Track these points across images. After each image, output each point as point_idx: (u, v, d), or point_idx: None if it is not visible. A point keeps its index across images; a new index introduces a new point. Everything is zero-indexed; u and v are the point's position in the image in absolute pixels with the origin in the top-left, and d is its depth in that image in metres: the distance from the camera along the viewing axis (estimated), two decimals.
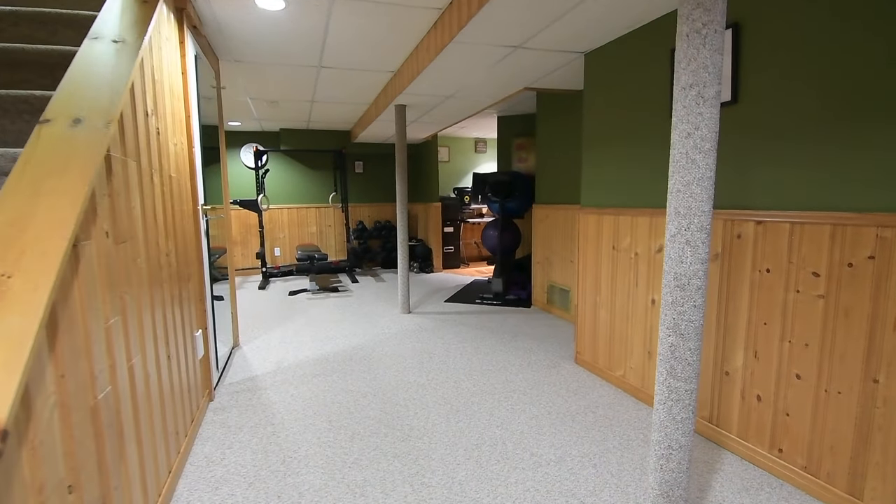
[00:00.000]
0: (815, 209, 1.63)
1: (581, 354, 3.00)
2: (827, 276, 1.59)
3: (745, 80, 1.85)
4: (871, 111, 1.45)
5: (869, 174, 1.48)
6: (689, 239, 1.11)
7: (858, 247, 1.50)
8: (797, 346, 1.70)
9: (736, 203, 1.92)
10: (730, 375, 1.97)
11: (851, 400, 1.54)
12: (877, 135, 1.44)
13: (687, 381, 1.16)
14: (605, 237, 2.72)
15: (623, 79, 2.54)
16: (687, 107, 1.09)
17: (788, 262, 1.71)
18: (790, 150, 1.70)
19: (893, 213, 1.40)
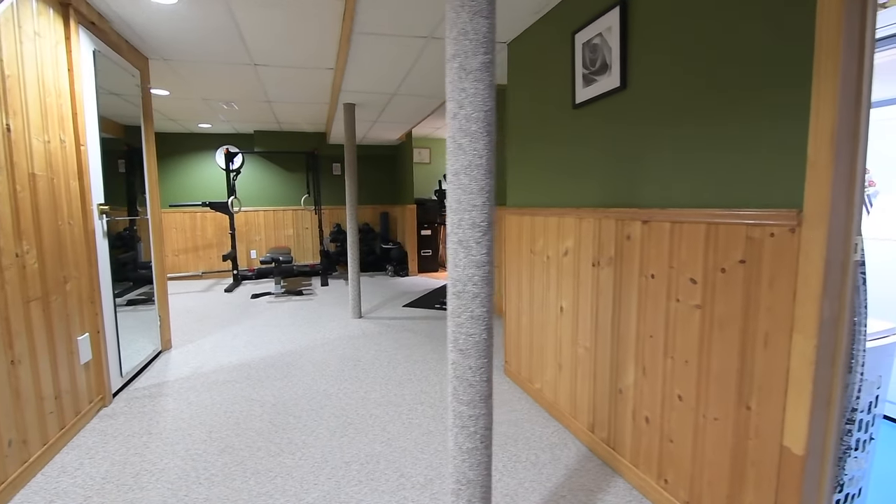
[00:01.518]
0: (692, 206, 1.43)
1: (509, 365, 2.80)
2: (703, 283, 1.38)
3: (633, 65, 1.65)
4: (742, 106, 1.24)
5: (739, 170, 1.27)
6: (462, 238, 0.93)
7: (731, 249, 1.29)
8: (679, 362, 1.49)
9: (626, 201, 1.71)
10: (623, 394, 1.76)
11: (727, 428, 1.33)
12: (747, 131, 1.23)
13: (471, 405, 0.98)
14: (524, 239, 2.52)
15: (536, 70, 2.35)
16: (452, 82, 0.92)
17: (669, 266, 1.50)
18: (672, 141, 1.49)
19: (762, 209, 1.19)
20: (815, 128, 1.06)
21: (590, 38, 1.87)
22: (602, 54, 1.80)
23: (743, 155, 1.25)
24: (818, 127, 1.05)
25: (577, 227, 2.01)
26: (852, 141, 1.04)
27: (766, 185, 1.19)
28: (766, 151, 1.19)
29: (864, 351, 1.16)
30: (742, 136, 1.25)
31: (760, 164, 1.20)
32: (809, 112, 1.07)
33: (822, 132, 1.04)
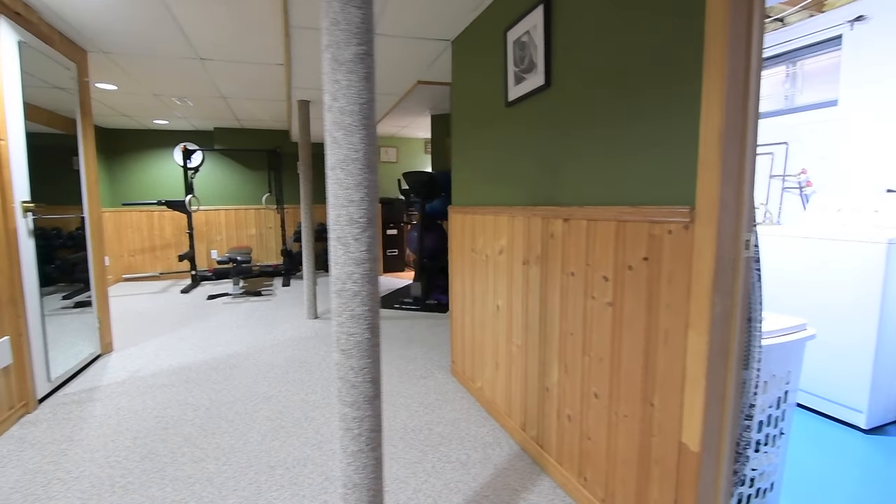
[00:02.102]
0: (605, 204, 1.42)
1: (455, 364, 2.78)
2: (614, 281, 1.38)
3: (557, 63, 1.65)
4: (646, 106, 1.24)
5: (644, 168, 1.27)
6: (340, 235, 0.90)
7: (636, 246, 1.28)
8: (595, 360, 1.48)
9: (551, 199, 1.71)
10: (549, 392, 1.75)
11: (635, 425, 1.33)
12: (649, 129, 1.23)
13: (354, 407, 0.95)
14: (466, 238, 2.50)
15: (476, 67, 2.34)
16: (326, 73, 0.88)
17: (586, 264, 1.50)
18: (589, 139, 1.49)
19: (661, 206, 1.19)
20: (705, 126, 1.06)
21: (519, 36, 1.86)
22: (529, 52, 1.79)
23: (647, 153, 1.25)
24: (707, 125, 1.05)
25: (510, 225, 1.99)
26: (740, 139, 1.04)
27: (666, 183, 1.19)
28: (666, 149, 1.19)
29: (759, 347, 1.17)
30: (645, 135, 1.25)
31: (661, 161, 1.20)
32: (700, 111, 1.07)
33: (711, 130, 1.04)
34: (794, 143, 3.01)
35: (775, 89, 3.29)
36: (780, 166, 3.10)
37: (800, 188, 2.95)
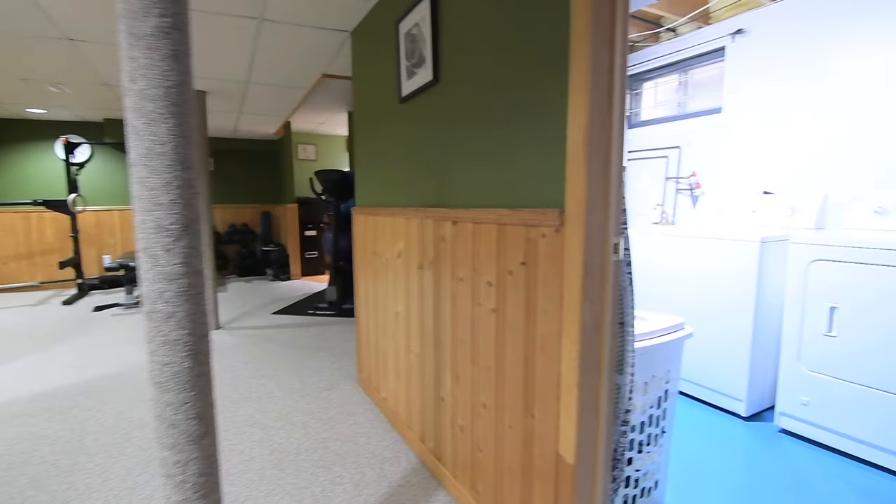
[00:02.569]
0: (488, 206, 1.36)
1: (362, 373, 2.64)
2: (497, 286, 1.32)
3: (444, 58, 1.57)
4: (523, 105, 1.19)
5: (522, 169, 1.22)
6: (147, 245, 0.75)
7: (515, 251, 1.23)
8: (482, 369, 1.42)
9: (441, 200, 1.63)
10: (444, 401, 1.67)
11: (518, 436, 1.27)
12: (526, 129, 1.18)
13: (176, 450, 0.80)
14: (369, 240, 2.38)
15: (373, 60, 2.22)
16: (122, 49, 0.73)
17: (473, 269, 1.43)
18: (475, 138, 1.42)
19: (535, 209, 1.14)
20: (572, 128, 1.01)
21: (409, 29, 1.76)
22: (419, 46, 1.70)
23: (523, 154, 1.20)
24: (573, 127, 1.01)
25: (406, 228, 1.90)
26: (606, 142, 1.00)
27: (540, 185, 1.14)
28: (539, 151, 1.14)
29: (633, 352, 1.16)
30: (522, 136, 1.20)
31: (536, 163, 1.16)
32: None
33: (577, 132, 1.00)
34: (686, 147, 3.19)
35: (670, 96, 3.47)
36: (674, 169, 3.27)
37: (690, 190, 3.13)
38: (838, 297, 1.87)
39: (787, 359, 2.06)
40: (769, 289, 2.16)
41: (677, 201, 3.27)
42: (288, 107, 4.54)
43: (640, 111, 3.70)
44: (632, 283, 1.14)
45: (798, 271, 1.99)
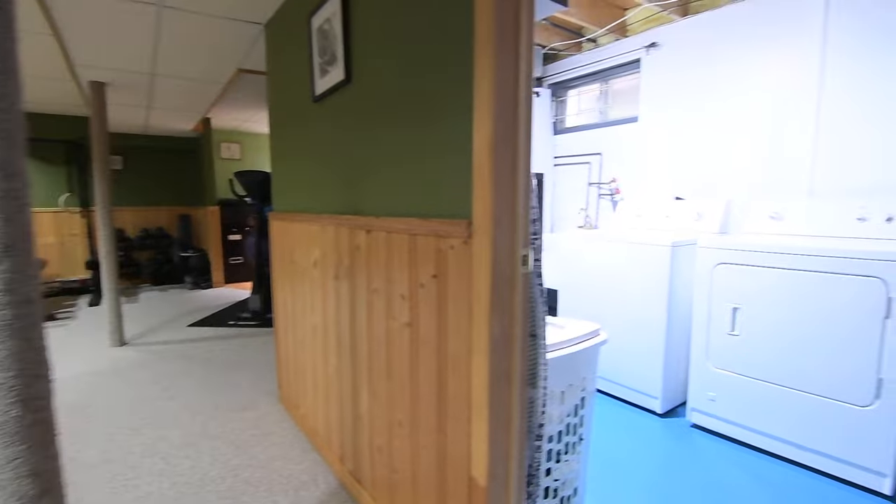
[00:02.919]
0: (401, 215, 1.30)
1: (282, 389, 2.48)
2: (410, 300, 1.25)
3: (356, 57, 1.48)
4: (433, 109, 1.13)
5: (432, 177, 1.16)
6: None
7: (427, 262, 1.17)
8: (398, 386, 1.35)
9: (356, 208, 1.54)
10: (362, 420, 1.59)
11: (432, 456, 1.22)
12: (437, 135, 1.12)
13: None
14: (286, 248, 2.24)
15: (287, 56, 2.09)
16: None
17: (387, 280, 1.36)
18: (387, 143, 1.35)
19: (444, 219, 1.09)
20: (478, 136, 0.97)
21: (322, 24, 1.66)
22: (331, 42, 1.60)
23: (433, 162, 1.15)
24: (479, 134, 0.97)
25: (321, 235, 1.79)
26: (513, 151, 0.97)
27: (449, 195, 1.09)
28: (448, 159, 1.09)
29: (545, 365, 1.14)
30: (431, 143, 1.14)
31: (445, 172, 1.10)
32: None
33: (482, 140, 0.96)
34: (607, 154, 3.31)
35: (592, 104, 3.59)
36: (596, 175, 3.39)
37: (611, 195, 3.25)
38: (739, 298, 1.99)
39: (697, 357, 2.17)
40: (680, 290, 2.27)
41: (600, 206, 3.39)
42: (204, 102, 4.22)
43: (565, 118, 3.81)
44: (543, 294, 1.12)
45: (704, 274, 2.10)
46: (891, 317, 1.61)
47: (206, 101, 4.16)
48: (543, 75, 3.71)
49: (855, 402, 1.70)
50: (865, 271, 1.66)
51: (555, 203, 3.78)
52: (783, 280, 1.86)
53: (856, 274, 1.68)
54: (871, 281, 1.64)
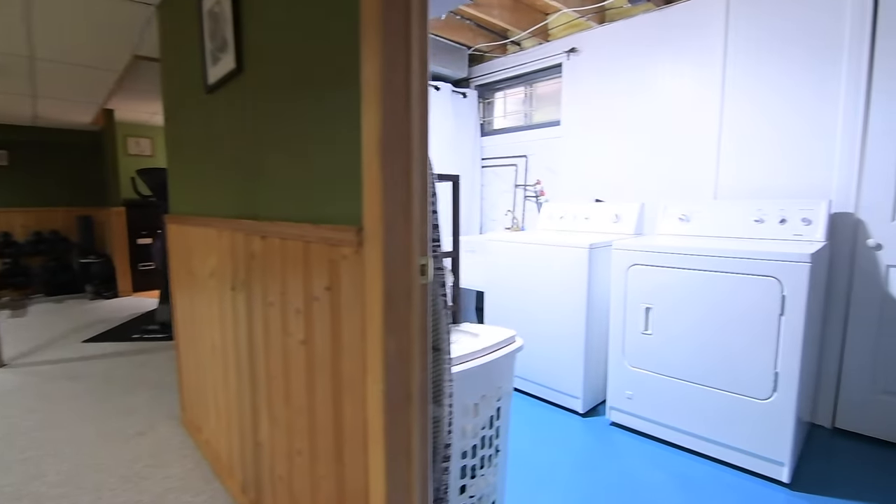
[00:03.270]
0: (293, 219, 1.17)
1: (185, 411, 2.25)
2: (305, 314, 1.13)
3: (248, 42, 1.34)
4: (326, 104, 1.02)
5: (326, 179, 1.05)
6: None
7: (320, 273, 1.06)
8: (296, 410, 1.22)
9: (251, 211, 1.39)
10: (262, 446, 1.44)
11: (332, 488, 1.10)
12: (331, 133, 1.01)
13: None
14: (183, 255, 2.02)
15: (180, 41, 1.88)
16: None
17: (282, 292, 1.23)
18: (281, 140, 1.21)
19: (335, 226, 0.98)
20: (367, 133, 0.87)
21: (212, 6, 1.49)
22: (222, 26, 1.44)
23: (325, 162, 1.04)
24: (368, 128, 0.87)
25: (217, 241, 1.61)
26: (406, 151, 0.88)
27: (341, 199, 0.99)
28: (340, 160, 0.98)
29: (450, 381, 1.06)
30: (323, 141, 1.03)
31: (336, 173, 1.00)
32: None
33: (371, 138, 0.86)
34: (532, 157, 3.34)
35: (517, 107, 3.61)
36: (522, 177, 3.41)
37: (536, 197, 3.28)
38: (652, 298, 2.04)
39: (614, 356, 2.21)
40: (598, 291, 2.31)
41: (526, 208, 3.41)
42: (99, 91, 3.79)
43: (493, 120, 3.80)
44: (447, 304, 1.04)
45: (619, 275, 2.14)
46: (785, 314, 1.71)
47: (102, 90, 3.74)
48: (470, 77, 3.68)
49: (756, 395, 1.79)
50: (763, 271, 1.74)
51: (484, 205, 3.77)
52: (690, 280, 1.92)
53: (754, 274, 1.76)
54: (768, 280, 1.73)
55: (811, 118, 2.16)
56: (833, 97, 2.10)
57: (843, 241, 2.11)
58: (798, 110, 2.19)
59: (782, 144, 2.24)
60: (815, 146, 2.16)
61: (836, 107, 2.09)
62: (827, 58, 2.10)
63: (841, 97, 2.08)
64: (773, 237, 2.10)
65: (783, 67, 2.21)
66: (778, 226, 2.11)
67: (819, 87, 2.13)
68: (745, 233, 2.19)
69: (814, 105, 2.15)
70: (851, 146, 2.06)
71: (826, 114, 2.12)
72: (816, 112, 2.14)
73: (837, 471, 1.86)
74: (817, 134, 2.15)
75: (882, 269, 2.02)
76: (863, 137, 2.04)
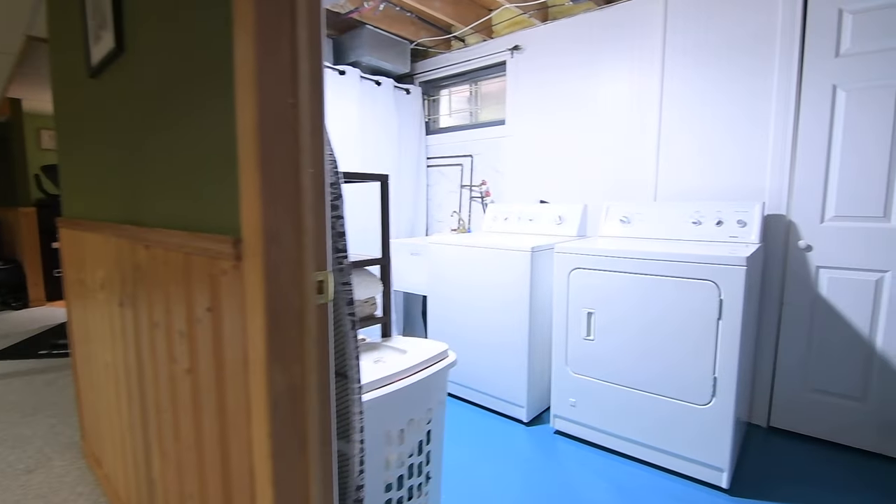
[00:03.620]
0: (175, 226, 1.00)
1: (85, 441, 1.98)
2: (189, 338, 0.96)
3: (128, 18, 1.14)
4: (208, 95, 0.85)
5: (207, 180, 0.88)
6: None
7: (202, 290, 0.89)
8: (185, 448, 1.04)
9: (136, 215, 1.20)
10: (155, 485, 1.24)
11: None
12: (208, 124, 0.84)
13: None
14: (75, 263, 1.77)
15: (63, 15, 1.63)
16: None
17: (167, 311, 1.04)
18: (163, 131, 1.03)
19: (214, 235, 0.82)
20: (242, 120, 0.72)
21: None
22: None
23: (203, 158, 0.87)
24: (244, 119, 0.72)
25: (105, 249, 1.40)
26: (293, 146, 0.74)
27: (222, 200, 0.82)
28: (219, 153, 0.82)
29: (360, 413, 0.92)
30: (203, 134, 0.87)
31: (213, 172, 0.84)
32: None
33: (247, 123, 0.71)
34: (477, 156, 3.24)
35: (463, 105, 3.51)
36: (468, 177, 3.31)
37: (481, 198, 3.19)
38: (594, 302, 1.98)
39: (557, 363, 2.14)
40: (542, 296, 2.23)
41: (472, 209, 3.31)
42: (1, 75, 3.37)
43: (438, 118, 3.68)
44: (354, 325, 0.90)
45: (561, 279, 2.07)
46: (723, 318, 1.68)
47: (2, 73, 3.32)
48: (413, 72, 3.55)
49: (696, 401, 1.76)
50: (700, 275, 1.71)
51: (431, 205, 3.65)
52: (631, 284, 1.87)
53: (693, 278, 1.73)
54: (706, 284, 1.70)
55: (746, 121, 2.18)
56: (766, 101, 2.12)
57: (776, 242, 2.14)
58: (733, 114, 2.20)
59: (718, 146, 2.25)
60: (749, 148, 2.18)
61: (769, 111, 2.11)
62: (761, 63, 2.12)
63: (773, 102, 2.10)
64: (710, 239, 2.10)
65: (719, 71, 2.22)
66: (715, 227, 2.10)
67: (754, 91, 2.15)
68: (683, 234, 2.17)
69: (748, 108, 2.16)
70: (783, 150, 2.09)
71: (760, 117, 2.14)
72: (751, 115, 2.16)
73: (774, 473, 1.87)
74: (752, 136, 2.17)
75: (812, 270, 2.06)
76: (793, 142, 2.07)
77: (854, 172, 1.95)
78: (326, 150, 0.85)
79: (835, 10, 1.93)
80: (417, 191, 3.53)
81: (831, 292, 2.03)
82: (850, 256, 1.97)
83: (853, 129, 1.94)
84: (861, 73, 1.90)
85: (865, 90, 1.90)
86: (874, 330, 1.94)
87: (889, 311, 1.91)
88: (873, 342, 1.95)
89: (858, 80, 1.91)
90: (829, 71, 1.97)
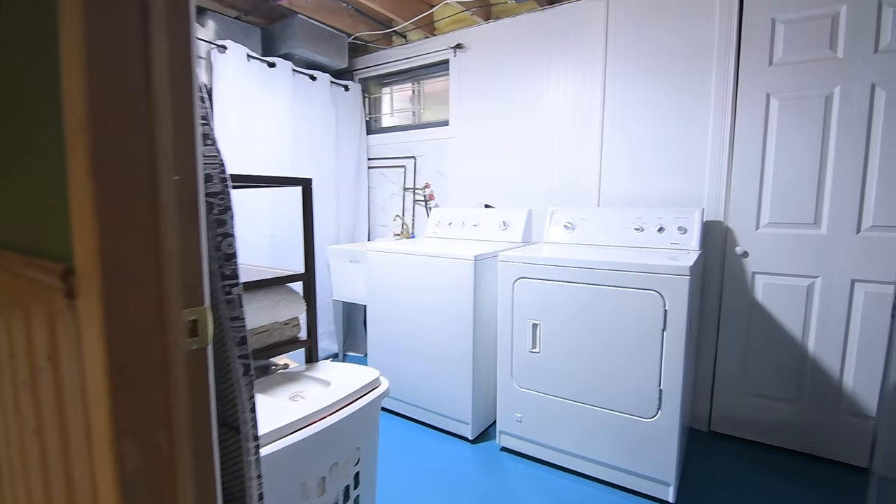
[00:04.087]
0: (10, 247, 0.78)
1: None
2: (32, 391, 0.75)
3: None
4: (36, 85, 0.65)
5: (30, 183, 0.68)
6: None
7: (40, 330, 0.69)
8: None
9: None
10: None
11: None
12: (40, 113, 0.64)
13: None
14: None
15: None
16: None
17: (11, 353, 0.82)
18: None
19: (46, 261, 0.62)
20: (69, 105, 0.53)
21: None
22: None
23: (25, 157, 0.67)
24: (71, 103, 0.53)
25: None
26: (147, 134, 0.56)
27: (53, 216, 0.63)
28: (46, 151, 0.62)
29: (258, 477, 0.75)
30: (38, 132, 0.66)
31: (36, 178, 0.64)
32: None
33: (74, 113, 0.53)
34: (421, 158, 3.11)
35: (405, 105, 3.36)
36: (411, 179, 3.16)
37: (425, 201, 3.05)
38: (539, 313, 1.90)
39: (502, 376, 2.04)
40: (486, 306, 2.12)
41: (416, 213, 3.17)
42: None
43: (380, 117, 3.51)
44: (248, 370, 0.73)
45: (506, 289, 1.97)
46: (667, 329, 1.63)
47: None
48: (352, 68, 3.35)
49: (641, 414, 1.70)
50: (645, 285, 1.66)
51: (372, 209, 3.46)
52: (577, 294, 1.80)
53: (637, 287, 1.67)
54: (651, 294, 1.65)
55: (686, 128, 2.17)
56: (705, 109, 2.12)
57: (714, 248, 2.15)
58: (674, 120, 2.20)
59: (660, 153, 2.24)
60: (689, 156, 2.18)
61: (708, 118, 2.12)
62: (700, 70, 2.12)
63: (711, 110, 2.11)
64: (653, 246, 2.07)
65: (660, 77, 2.21)
66: (657, 234, 2.08)
67: (693, 98, 2.15)
68: (627, 241, 2.14)
69: (688, 115, 2.16)
70: (721, 157, 2.10)
71: (699, 124, 2.14)
72: (691, 122, 2.16)
73: (719, 483, 1.86)
74: (691, 143, 2.17)
75: (749, 276, 2.08)
76: (730, 149, 2.08)
77: (786, 179, 1.98)
78: (206, 152, 0.68)
79: (768, 19, 1.96)
80: (358, 194, 3.34)
81: (767, 297, 2.05)
82: (784, 262, 2.00)
83: (786, 137, 1.97)
84: (793, 82, 1.93)
85: (797, 99, 1.93)
86: (807, 333, 1.99)
87: (819, 314, 1.95)
88: (806, 345, 1.99)
89: (790, 88, 1.94)
90: (762, 79, 1.99)
